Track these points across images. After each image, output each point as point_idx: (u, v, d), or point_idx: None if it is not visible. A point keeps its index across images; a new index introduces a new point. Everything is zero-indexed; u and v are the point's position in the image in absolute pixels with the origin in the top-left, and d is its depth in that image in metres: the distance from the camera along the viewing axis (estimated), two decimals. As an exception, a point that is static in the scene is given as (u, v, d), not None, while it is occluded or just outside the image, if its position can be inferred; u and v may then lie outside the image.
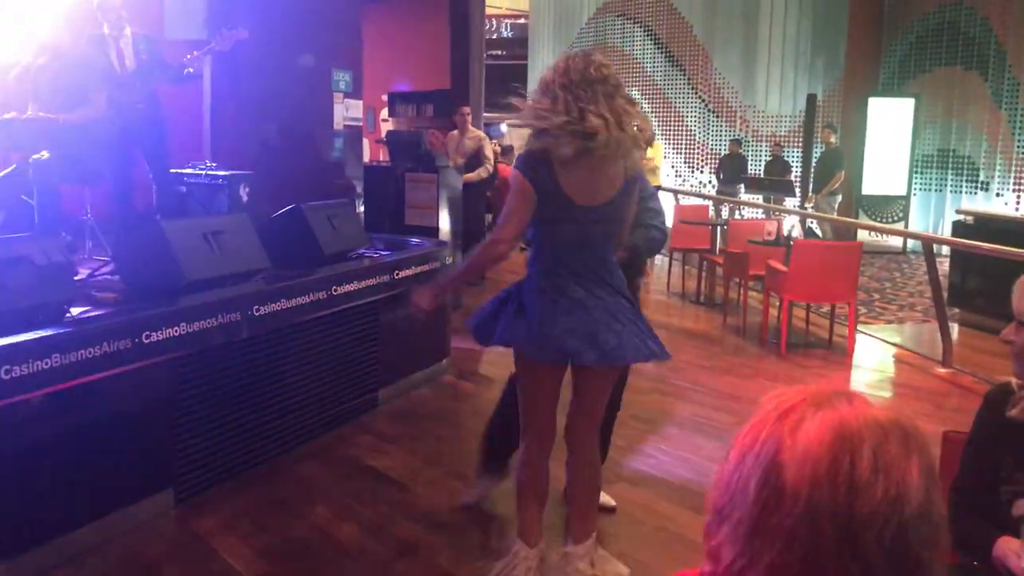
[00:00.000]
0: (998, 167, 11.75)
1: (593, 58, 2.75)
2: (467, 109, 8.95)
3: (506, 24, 22.77)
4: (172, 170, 5.89)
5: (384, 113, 11.69)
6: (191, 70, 5.43)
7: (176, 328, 3.53)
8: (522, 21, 20.86)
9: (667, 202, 12.30)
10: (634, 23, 16.17)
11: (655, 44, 15.89)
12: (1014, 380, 1.89)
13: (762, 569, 0.90)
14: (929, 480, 0.89)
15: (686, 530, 3.60)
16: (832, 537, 0.86)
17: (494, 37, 21.81)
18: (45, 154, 4.98)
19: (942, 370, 6.10)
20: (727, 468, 0.96)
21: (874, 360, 6.69)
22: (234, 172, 6.25)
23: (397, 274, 5.02)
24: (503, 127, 16.62)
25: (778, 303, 6.85)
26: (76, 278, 3.71)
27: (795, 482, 0.88)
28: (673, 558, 3.38)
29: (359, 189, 7.78)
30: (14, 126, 4.90)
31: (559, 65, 2.75)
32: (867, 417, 0.91)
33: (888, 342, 7.05)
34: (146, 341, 3.40)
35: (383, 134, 11.42)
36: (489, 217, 10.81)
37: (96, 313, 3.52)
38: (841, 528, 0.86)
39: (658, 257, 11.50)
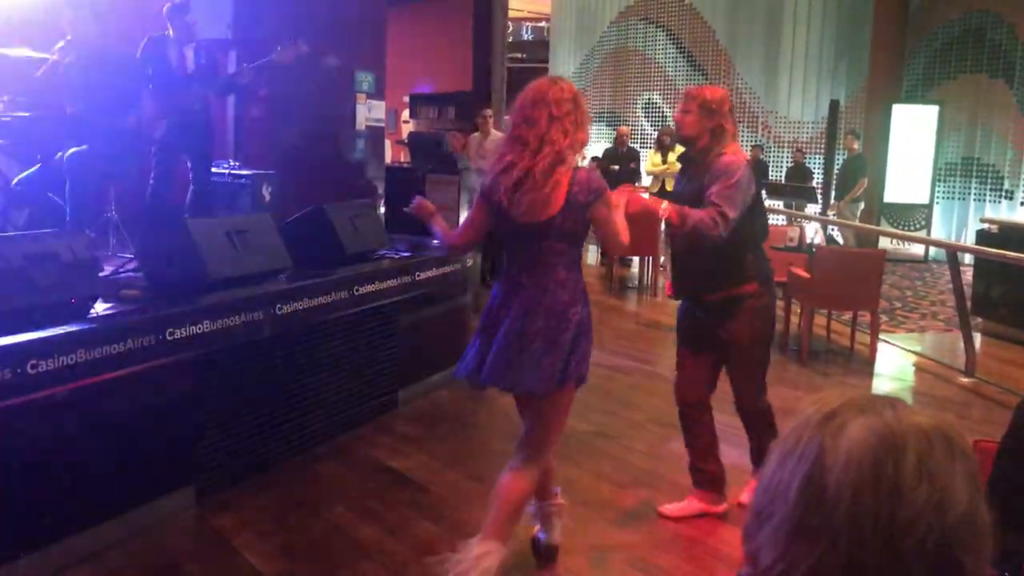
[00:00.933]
0: (1023, 175, 11.64)
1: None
2: (489, 112, 8.95)
3: (527, 27, 22.76)
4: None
5: (406, 115, 11.71)
6: (246, 79, 5.46)
7: (199, 326, 3.55)
8: (543, 24, 20.84)
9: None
10: (656, 27, 16.14)
11: (677, 48, 15.85)
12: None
13: (801, 573, 0.89)
14: (973, 487, 0.88)
15: (706, 535, 3.58)
16: (873, 542, 0.85)
17: (515, 40, 21.83)
18: (73, 150, 5.02)
19: (965, 380, 6.04)
20: (768, 471, 0.95)
21: (896, 369, 6.64)
22: (257, 172, 6.28)
23: (418, 275, 5.03)
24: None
25: (799, 310, 6.81)
26: (100, 275, 3.73)
27: (837, 485, 0.87)
28: (693, 563, 3.36)
29: (380, 190, 7.80)
30: (44, 124, 4.94)
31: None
32: (911, 423, 0.89)
33: (910, 351, 7.00)
34: (170, 338, 3.42)
35: (404, 135, 11.46)
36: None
37: (120, 310, 3.54)
38: (883, 533, 0.85)
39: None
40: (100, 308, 3.58)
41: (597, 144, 16.47)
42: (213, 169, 6.14)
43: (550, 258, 2.87)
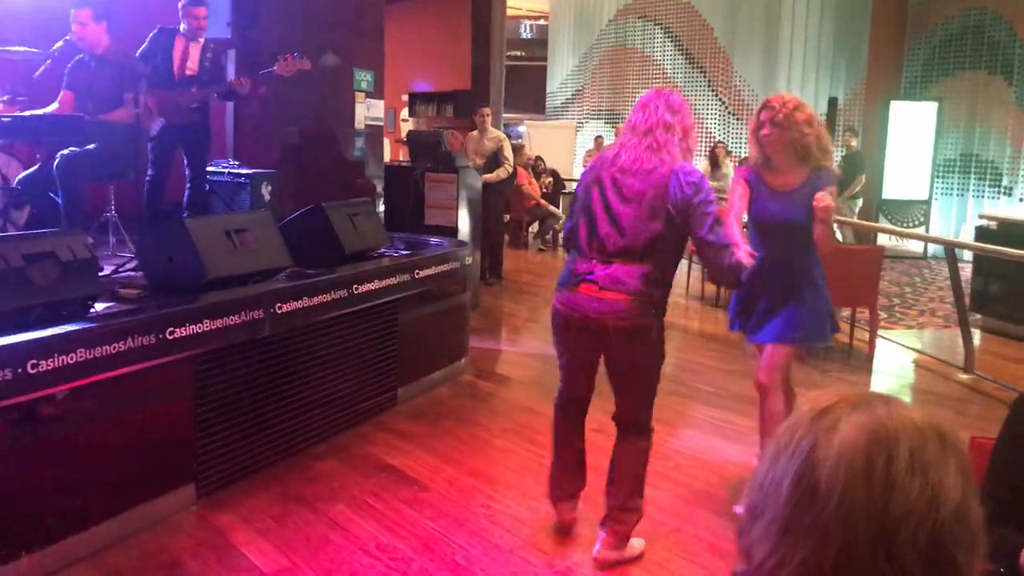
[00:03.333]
0: (1021, 172, 11.66)
1: None
2: (487, 110, 8.96)
3: (526, 25, 22.75)
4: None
5: (404, 113, 11.73)
6: (245, 90, 5.48)
7: (199, 324, 3.56)
8: (542, 22, 20.82)
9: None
10: (655, 25, 16.15)
11: (675, 46, 15.86)
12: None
13: (793, 568, 0.89)
14: (966, 482, 0.89)
15: (704, 532, 3.59)
16: (866, 537, 0.86)
17: (514, 37, 21.81)
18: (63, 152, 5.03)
19: (964, 376, 6.05)
20: (762, 468, 0.96)
21: (895, 365, 6.65)
22: (256, 171, 6.29)
23: (417, 273, 5.04)
24: (521, 128, 16.64)
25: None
26: (100, 274, 3.73)
27: (830, 481, 0.88)
28: (691, 559, 3.37)
29: (379, 188, 7.82)
30: (39, 122, 4.94)
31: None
32: (904, 419, 0.90)
33: (909, 347, 7.01)
34: (170, 337, 3.43)
35: (403, 134, 11.47)
36: (507, 217, 10.83)
37: (120, 309, 3.55)
38: (875, 528, 0.85)
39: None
40: (100, 307, 3.60)
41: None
42: (213, 168, 6.15)
43: None
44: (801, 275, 3.74)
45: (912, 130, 12.22)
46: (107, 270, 4.57)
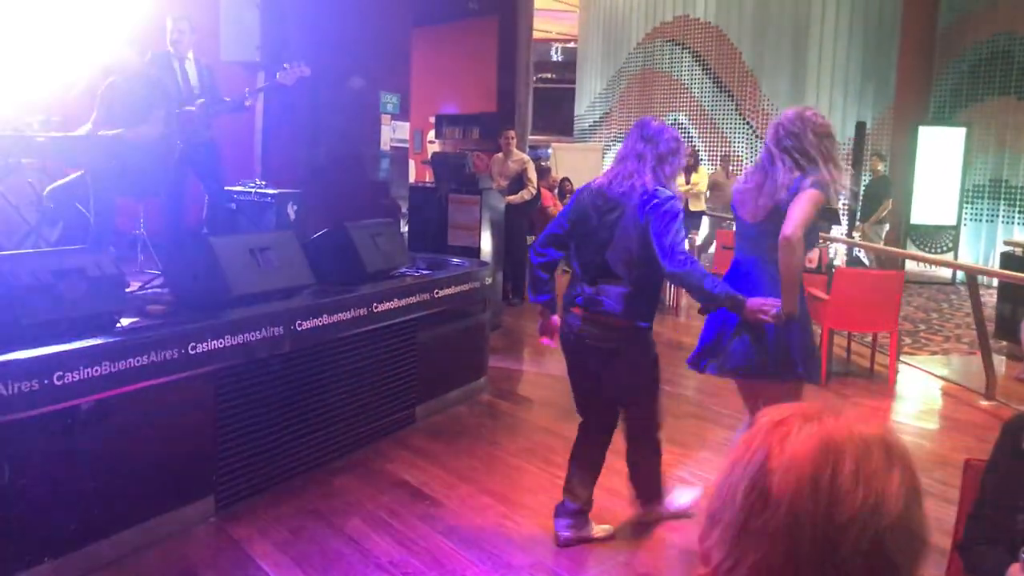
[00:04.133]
0: (1051, 198, 11.55)
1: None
2: (512, 133, 9.05)
3: (556, 48, 22.97)
4: (225, 187, 6.08)
5: (431, 135, 11.87)
6: (249, 102, 5.61)
7: (221, 340, 3.66)
8: (572, 45, 21.01)
9: (706, 227, 12.28)
10: (683, 48, 16.21)
11: (703, 69, 15.91)
12: (1031, 410, 1.91)
13: (746, 569, 0.95)
14: (909, 492, 0.94)
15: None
16: (812, 541, 0.91)
17: (543, 60, 22.00)
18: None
19: (985, 403, 6.01)
20: (720, 475, 1.02)
21: (916, 391, 6.61)
22: (282, 190, 6.41)
23: (436, 293, 5.12)
24: (549, 150, 16.75)
25: (819, 331, 6.81)
26: (127, 290, 3.85)
27: (779, 489, 0.93)
28: None
29: (404, 209, 7.92)
30: (76, 142, 5.09)
31: None
32: (852, 431, 0.95)
33: (931, 373, 6.97)
34: (192, 352, 3.53)
35: (429, 155, 11.61)
36: (531, 239, 10.89)
37: (145, 324, 3.65)
38: (820, 534, 0.90)
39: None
40: (126, 322, 3.71)
41: (623, 164, 16.51)
42: (239, 188, 6.29)
43: None
44: None
45: (940, 155, 12.16)
46: (134, 286, 4.70)
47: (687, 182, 11.00)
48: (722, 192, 12.47)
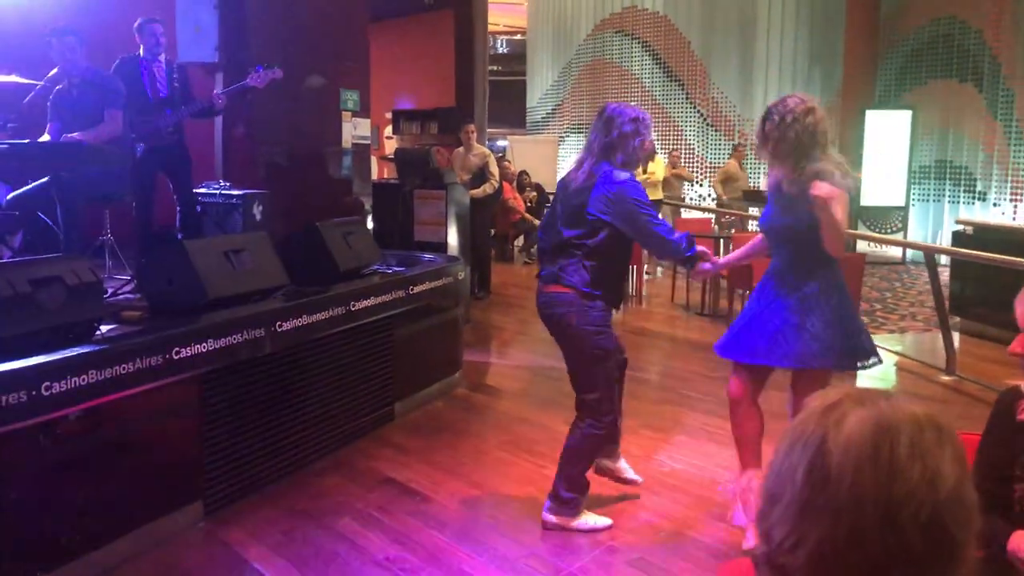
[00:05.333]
0: (995, 177, 11.89)
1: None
2: (472, 127, 9.07)
3: (502, 40, 22.97)
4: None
5: (388, 130, 11.82)
6: (221, 105, 5.55)
7: (204, 344, 3.64)
8: (518, 37, 21.04)
9: (669, 216, 12.43)
10: (632, 39, 16.34)
11: (653, 59, 16.06)
12: (1023, 385, 2.00)
13: (811, 545, 1.00)
14: (960, 467, 1.00)
15: (703, 535, 3.69)
16: (873, 516, 0.96)
17: (489, 53, 21.98)
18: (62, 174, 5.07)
19: (946, 378, 6.20)
20: (777, 458, 1.07)
21: (878, 369, 6.76)
22: (248, 191, 6.35)
23: (412, 289, 5.13)
24: (501, 142, 16.79)
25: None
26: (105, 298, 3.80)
27: (840, 467, 0.99)
28: (693, 562, 3.47)
29: (368, 206, 7.90)
30: (35, 150, 4.99)
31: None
32: (904, 411, 1.01)
33: (891, 351, 7.15)
34: (175, 357, 3.50)
35: (387, 151, 11.57)
36: (493, 231, 10.94)
37: (126, 331, 3.61)
38: (881, 507, 0.96)
39: (660, 269, 11.64)
40: (103, 330, 3.66)
41: (576, 156, 16.60)
42: (204, 190, 6.22)
43: None
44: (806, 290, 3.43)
45: (888, 138, 12.46)
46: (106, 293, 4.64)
47: (644, 171, 11.10)
48: (738, 184, 12.66)
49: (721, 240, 9.21)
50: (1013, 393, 2.03)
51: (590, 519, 3.73)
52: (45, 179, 4.99)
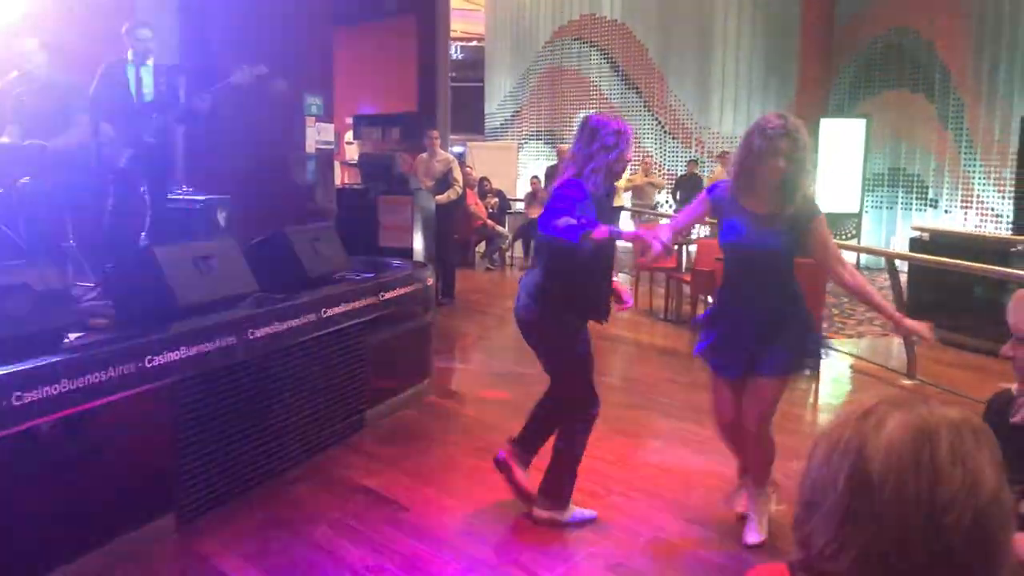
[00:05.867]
0: (946, 185, 12.19)
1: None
2: (435, 132, 9.05)
3: (457, 47, 22.96)
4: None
5: (349, 136, 11.74)
6: (206, 104, 5.47)
7: (178, 352, 3.57)
8: (473, 44, 21.04)
9: (629, 222, 12.52)
10: (591, 47, 16.46)
11: (612, 67, 16.18)
12: (1014, 387, 2.04)
13: (854, 551, 1.00)
14: (999, 469, 1.01)
15: (679, 539, 3.71)
16: (917, 521, 0.97)
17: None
18: (26, 180, 4.96)
19: (907, 382, 6.32)
20: (814, 465, 1.07)
21: (839, 373, 6.90)
22: (212, 197, 6.27)
23: (383, 295, 5.09)
24: (457, 149, 16.77)
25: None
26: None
27: (881, 473, 0.99)
28: (673, 567, 3.48)
29: (332, 211, 7.84)
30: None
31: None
32: (942, 415, 1.02)
33: (851, 355, 7.27)
34: (149, 365, 3.44)
35: (347, 156, 11.49)
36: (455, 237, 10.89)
37: (97, 339, 3.53)
38: (925, 512, 0.97)
39: (623, 275, 11.70)
40: (71, 338, 3.57)
41: (536, 162, 16.70)
42: (168, 195, 6.12)
43: None
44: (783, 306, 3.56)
45: (842, 146, 12.68)
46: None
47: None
48: None
49: (684, 247, 9.29)
50: (1004, 396, 2.07)
51: (576, 511, 3.83)
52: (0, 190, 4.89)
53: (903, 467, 0.99)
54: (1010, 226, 10.63)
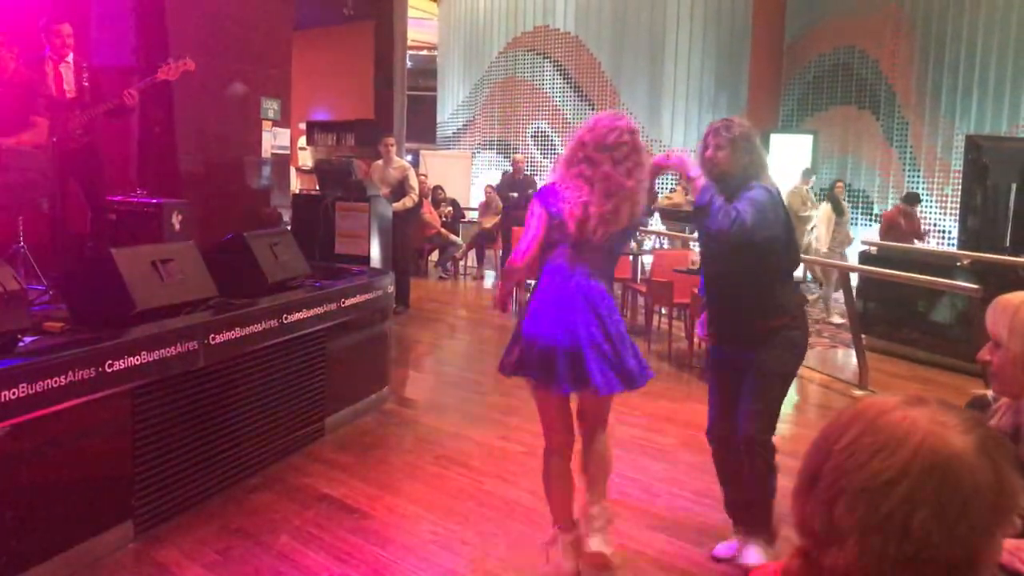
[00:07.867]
0: (890, 200, 12.47)
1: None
2: (391, 139, 9.01)
3: (407, 55, 22.88)
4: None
5: (302, 141, 11.63)
6: (133, 100, 5.36)
7: (138, 357, 3.49)
8: (424, 53, 20.99)
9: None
10: (544, 58, 16.52)
11: (564, 79, 16.26)
12: (989, 393, 2.08)
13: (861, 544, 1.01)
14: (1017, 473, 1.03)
15: (645, 547, 3.72)
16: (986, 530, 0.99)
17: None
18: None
19: (859, 392, 6.44)
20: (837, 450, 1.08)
21: (793, 383, 6.98)
22: (167, 200, 6.14)
23: (344, 302, 5.04)
24: (410, 157, 16.72)
25: (702, 329, 7.09)
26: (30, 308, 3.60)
27: (960, 472, 1.00)
28: (638, 574, 3.49)
29: (287, 217, 7.74)
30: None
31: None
32: (983, 423, 1.04)
33: (804, 366, 7.37)
34: (109, 370, 3.35)
35: (299, 163, 11.37)
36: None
37: (54, 342, 3.43)
38: (995, 520, 0.99)
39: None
40: (25, 341, 3.47)
41: (489, 172, 16.71)
42: (121, 198, 5.98)
43: None
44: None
45: (790, 161, 12.90)
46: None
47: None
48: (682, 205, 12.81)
49: (639, 258, 9.37)
50: (981, 401, 2.12)
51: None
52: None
53: (976, 475, 0.99)
54: (953, 242, 10.92)
